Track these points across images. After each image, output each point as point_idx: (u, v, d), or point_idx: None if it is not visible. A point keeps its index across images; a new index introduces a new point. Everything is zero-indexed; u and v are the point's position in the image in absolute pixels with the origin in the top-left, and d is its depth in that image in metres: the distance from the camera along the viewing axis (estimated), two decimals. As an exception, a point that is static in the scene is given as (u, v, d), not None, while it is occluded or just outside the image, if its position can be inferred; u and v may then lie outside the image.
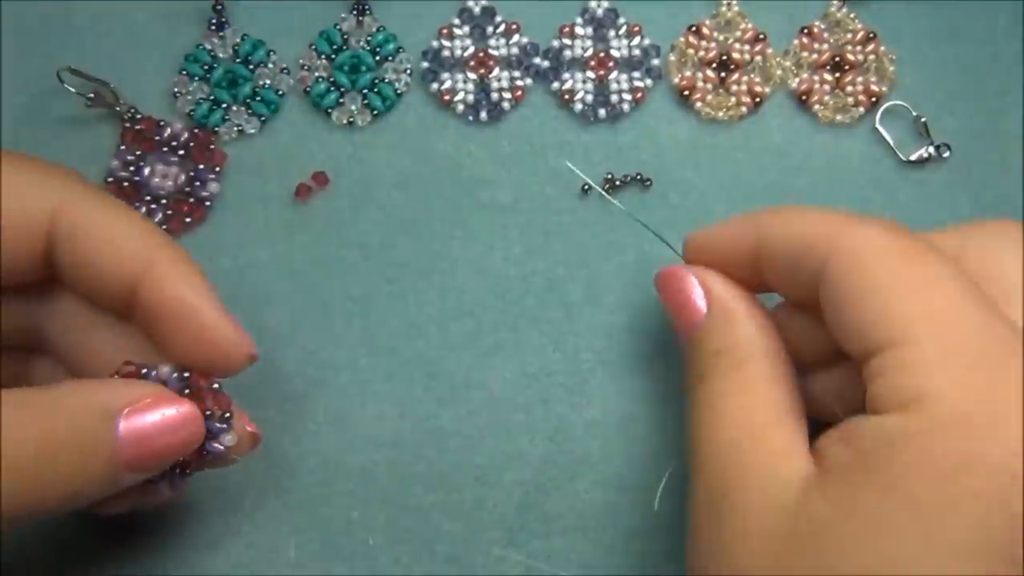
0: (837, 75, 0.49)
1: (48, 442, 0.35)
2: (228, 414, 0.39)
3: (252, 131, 0.49)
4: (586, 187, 0.47)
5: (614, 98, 0.49)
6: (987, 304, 0.35)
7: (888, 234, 0.37)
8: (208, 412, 0.39)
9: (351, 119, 0.49)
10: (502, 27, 0.50)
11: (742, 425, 0.38)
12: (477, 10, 0.50)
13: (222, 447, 0.39)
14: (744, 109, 0.49)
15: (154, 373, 0.39)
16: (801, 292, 0.39)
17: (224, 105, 0.49)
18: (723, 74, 0.49)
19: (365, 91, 0.49)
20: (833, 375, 0.40)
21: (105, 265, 0.39)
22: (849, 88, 0.49)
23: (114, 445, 0.36)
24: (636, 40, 0.49)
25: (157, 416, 0.37)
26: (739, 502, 0.36)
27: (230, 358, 0.40)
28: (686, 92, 0.49)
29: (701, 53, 0.49)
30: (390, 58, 0.49)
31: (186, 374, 0.39)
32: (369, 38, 0.49)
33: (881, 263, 0.36)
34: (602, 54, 0.49)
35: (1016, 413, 0.32)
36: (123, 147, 0.48)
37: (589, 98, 0.49)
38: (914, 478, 0.32)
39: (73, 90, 0.47)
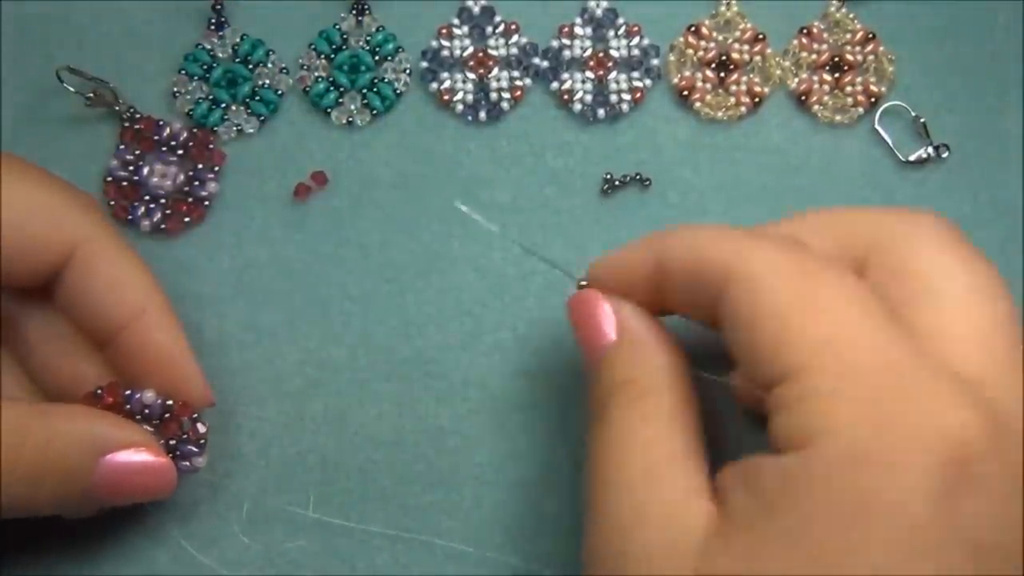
0: (836, 75, 0.49)
1: (37, 469, 0.38)
2: (203, 441, 0.42)
3: (251, 131, 0.49)
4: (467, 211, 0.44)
5: (613, 98, 0.49)
6: (888, 322, 0.33)
7: (783, 255, 0.35)
8: (184, 435, 0.42)
9: (350, 119, 0.49)
10: (501, 27, 0.50)
11: (641, 462, 0.36)
12: (476, 10, 0.50)
13: (191, 467, 0.42)
14: (743, 109, 0.49)
15: (138, 396, 0.41)
16: (704, 315, 0.37)
17: (223, 105, 0.49)
18: (722, 74, 0.49)
19: (364, 91, 0.49)
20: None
21: (105, 303, 0.42)
22: (848, 88, 0.49)
23: (91, 477, 0.40)
24: (635, 40, 0.49)
25: (137, 461, 0.40)
26: (638, 549, 0.34)
27: (192, 404, 0.42)
28: (685, 92, 0.49)
29: (700, 53, 0.49)
30: (389, 58, 0.49)
31: (169, 402, 0.42)
32: (368, 38, 0.49)
33: (774, 289, 0.34)
34: (601, 54, 0.49)
35: (912, 446, 0.31)
36: (122, 146, 0.48)
37: (588, 98, 0.49)
38: (815, 525, 0.31)
39: (72, 90, 0.47)
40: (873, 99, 0.49)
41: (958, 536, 0.30)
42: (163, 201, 0.48)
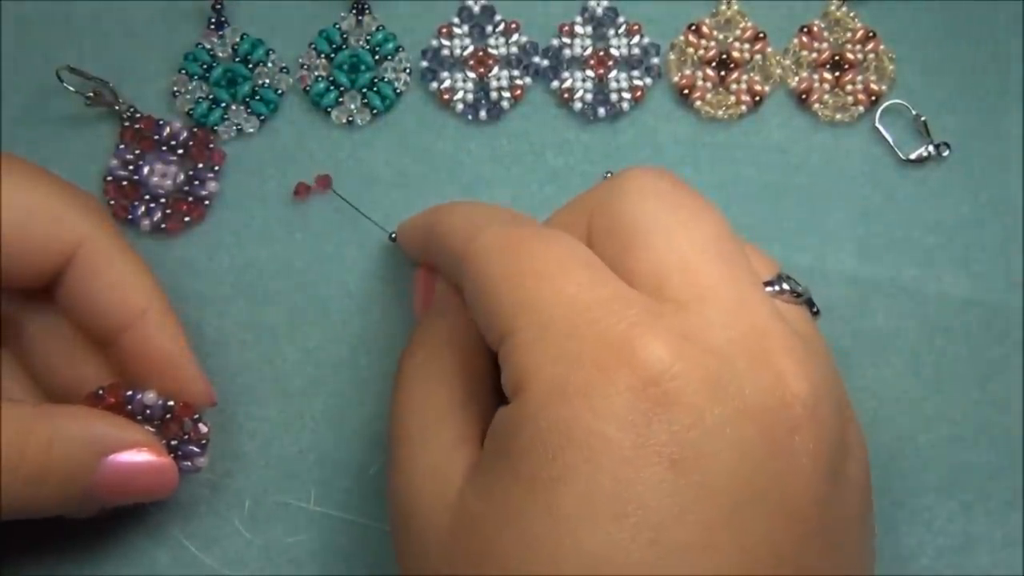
0: (837, 74, 0.49)
1: (39, 469, 0.39)
2: (204, 441, 0.43)
3: (251, 130, 0.49)
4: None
5: (614, 97, 0.49)
6: (588, 273, 0.35)
7: (502, 233, 0.37)
8: (186, 435, 0.42)
9: (350, 118, 0.49)
10: (501, 26, 0.50)
11: (421, 415, 0.39)
12: (476, 9, 0.50)
13: (193, 467, 0.43)
14: (744, 108, 0.49)
15: (139, 397, 0.42)
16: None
17: (223, 104, 0.49)
18: (723, 73, 0.49)
19: (364, 90, 0.49)
20: None
21: (107, 304, 0.42)
22: (849, 87, 0.49)
23: (93, 477, 0.40)
24: (636, 39, 0.49)
25: (139, 461, 0.41)
26: (412, 502, 0.37)
27: (193, 405, 0.43)
28: (686, 91, 0.49)
29: (701, 52, 0.49)
30: (389, 57, 0.49)
31: (170, 403, 0.42)
32: (368, 37, 0.49)
33: (489, 264, 0.36)
34: (601, 53, 0.49)
35: (604, 376, 0.33)
36: (122, 146, 0.48)
37: (589, 97, 0.49)
38: (527, 460, 0.33)
39: (72, 89, 0.47)
40: (874, 98, 0.49)
41: (655, 452, 0.32)
42: (163, 200, 0.48)
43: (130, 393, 0.42)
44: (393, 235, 0.47)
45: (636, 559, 0.31)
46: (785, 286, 0.39)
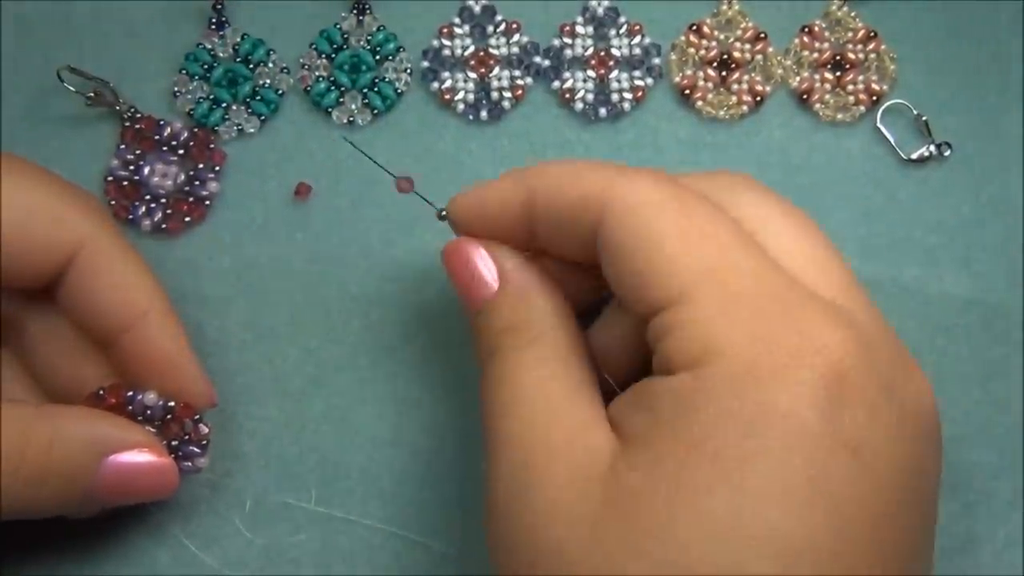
0: (838, 74, 0.49)
1: (40, 470, 0.39)
2: (205, 441, 0.43)
3: (252, 130, 0.49)
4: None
5: (615, 97, 0.49)
6: (759, 251, 0.36)
7: (660, 186, 0.36)
8: (186, 436, 0.42)
9: (351, 118, 0.49)
10: (502, 26, 0.50)
11: (541, 400, 0.37)
12: (477, 9, 0.50)
13: (193, 467, 0.43)
14: (745, 108, 0.49)
15: (140, 397, 0.42)
16: (576, 251, 0.39)
17: (224, 104, 0.49)
18: (724, 73, 0.49)
19: (365, 90, 0.49)
20: (610, 331, 0.40)
21: (108, 305, 0.42)
22: (850, 87, 0.49)
23: (94, 478, 0.40)
24: (637, 39, 0.49)
25: (140, 462, 0.41)
26: (545, 478, 0.35)
27: (194, 405, 0.43)
28: (687, 91, 0.49)
29: (702, 52, 0.49)
30: (390, 57, 0.49)
31: (171, 403, 0.42)
32: (369, 37, 0.49)
33: (655, 217, 0.36)
34: (603, 53, 0.49)
35: (798, 361, 0.33)
36: (123, 146, 0.48)
37: (590, 97, 0.49)
38: (713, 436, 0.33)
39: (73, 89, 0.47)
40: (875, 98, 0.49)
41: (841, 440, 0.33)
42: (164, 201, 0.48)
43: (131, 394, 0.42)
44: (443, 211, 0.42)
45: (821, 542, 0.32)
46: None
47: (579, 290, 0.41)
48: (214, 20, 0.49)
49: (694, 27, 0.50)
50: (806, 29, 0.50)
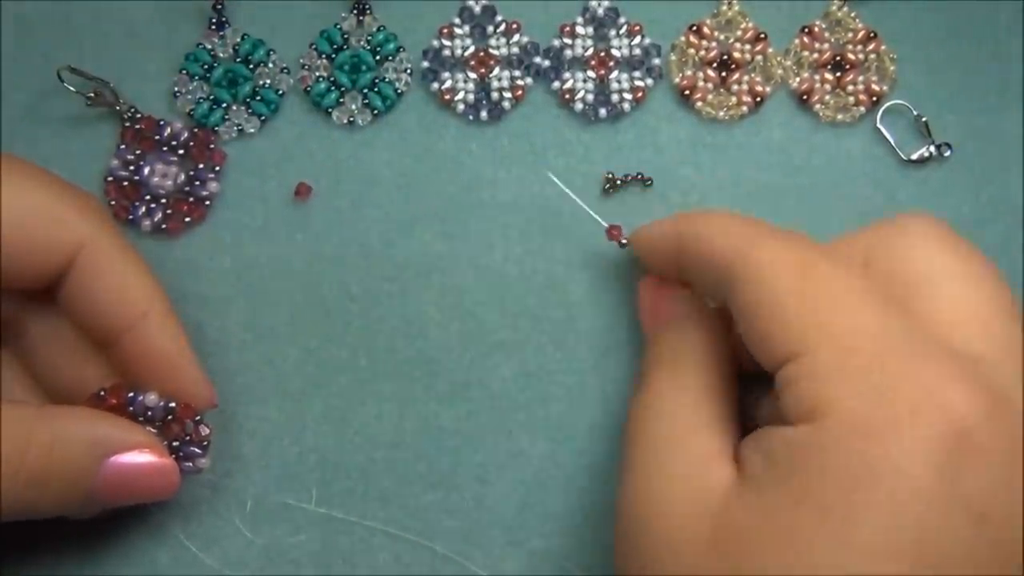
0: (838, 74, 0.49)
1: (42, 471, 0.39)
2: (206, 442, 0.43)
3: (252, 131, 0.49)
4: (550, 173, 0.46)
5: (615, 97, 0.49)
6: (886, 308, 0.35)
7: (787, 249, 0.37)
8: (187, 437, 0.42)
9: (351, 118, 0.49)
10: (502, 26, 0.50)
11: (669, 426, 0.39)
12: (477, 9, 0.50)
13: (194, 468, 0.43)
14: (745, 108, 0.49)
15: (141, 398, 0.42)
16: (718, 298, 0.40)
17: (224, 104, 0.49)
18: (724, 73, 0.49)
19: (365, 90, 0.49)
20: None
21: (109, 305, 0.42)
22: (850, 87, 0.49)
23: (95, 478, 0.40)
24: (637, 39, 0.49)
25: (141, 462, 0.41)
26: (662, 505, 0.37)
27: (195, 406, 0.43)
28: (687, 91, 0.49)
29: (702, 52, 0.49)
30: (390, 57, 0.49)
31: (172, 404, 0.42)
32: (369, 37, 0.49)
33: (780, 278, 0.36)
34: (603, 53, 0.49)
35: (914, 418, 0.33)
36: (123, 146, 0.48)
37: (590, 97, 0.49)
38: (822, 487, 0.33)
39: (73, 89, 0.47)
40: (875, 98, 0.49)
41: (960, 503, 0.32)
42: (164, 201, 0.48)
43: (132, 394, 0.42)
44: (625, 242, 0.46)
45: None
46: None
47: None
48: (214, 20, 0.49)
49: (694, 28, 0.50)
50: (806, 29, 0.50)
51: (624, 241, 0.46)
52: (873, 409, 0.33)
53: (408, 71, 0.49)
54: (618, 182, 0.48)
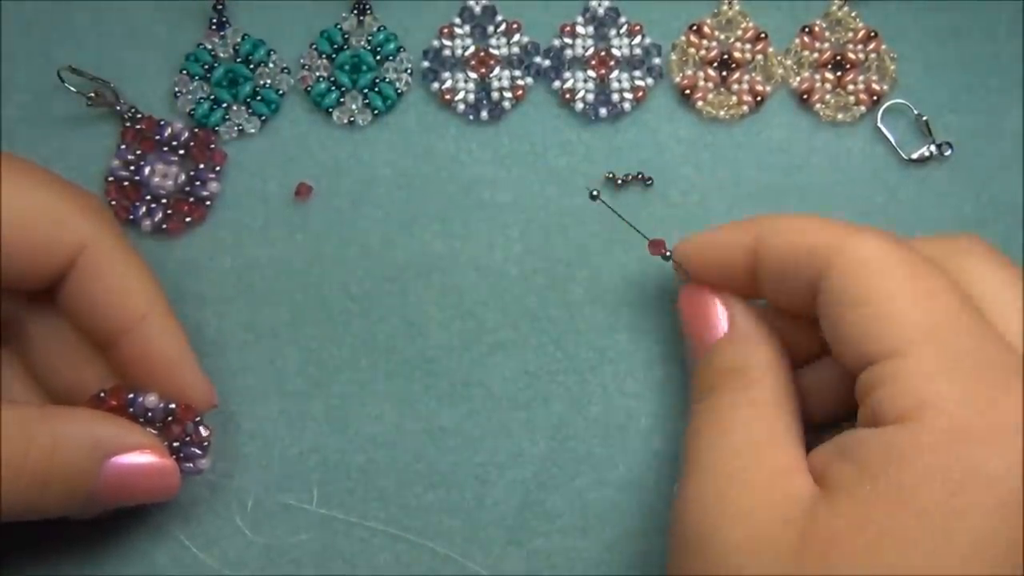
0: (838, 74, 0.49)
1: (43, 472, 0.39)
2: (206, 443, 0.43)
3: (252, 131, 0.49)
4: (595, 192, 0.45)
5: (615, 97, 0.49)
6: (980, 316, 0.36)
7: (888, 245, 0.37)
8: (187, 438, 0.42)
9: (352, 118, 0.49)
10: (503, 26, 0.50)
11: (747, 439, 0.39)
12: (478, 9, 0.50)
13: (195, 469, 0.43)
14: (745, 108, 0.49)
15: (141, 400, 0.42)
16: (796, 301, 0.40)
17: (224, 105, 0.49)
18: (724, 73, 0.49)
19: (366, 91, 0.49)
20: (814, 383, 0.42)
21: (109, 307, 0.42)
22: (850, 87, 0.49)
23: (96, 479, 0.40)
24: (637, 39, 0.49)
25: (142, 463, 0.41)
26: (742, 513, 0.36)
27: (195, 407, 0.43)
28: (687, 91, 0.49)
29: (702, 52, 0.49)
30: (391, 57, 0.49)
31: (172, 405, 0.42)
32: (370, 37, 0.49)
33: (883, 274, 0.37)
34: (603, 53, 0.49)
35: (1015, 425, 0.33)
36: (123, 146, 0.48)
37: (590, 97, 0.49)
38: (921, 491, 0.33)
39: (73, 89, 0.47)
40: (875, 98, 0.49)
41: None
42: (164, 201, 0.48)
43: (132, 396, 0.42)
44: (668, 254, 0.44)
45: None
46: None
47: (797, 343, 0.42)
48: (214, 20, 0.49)
49: (694, 27, 0.50)
50: (806, 29, 0.50)
51: (668, 253, 0.44)
52: (974, 414, 0.34)
53: (408, 71, 0.49)
54: (619, 182, 0.48)
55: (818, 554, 0.34)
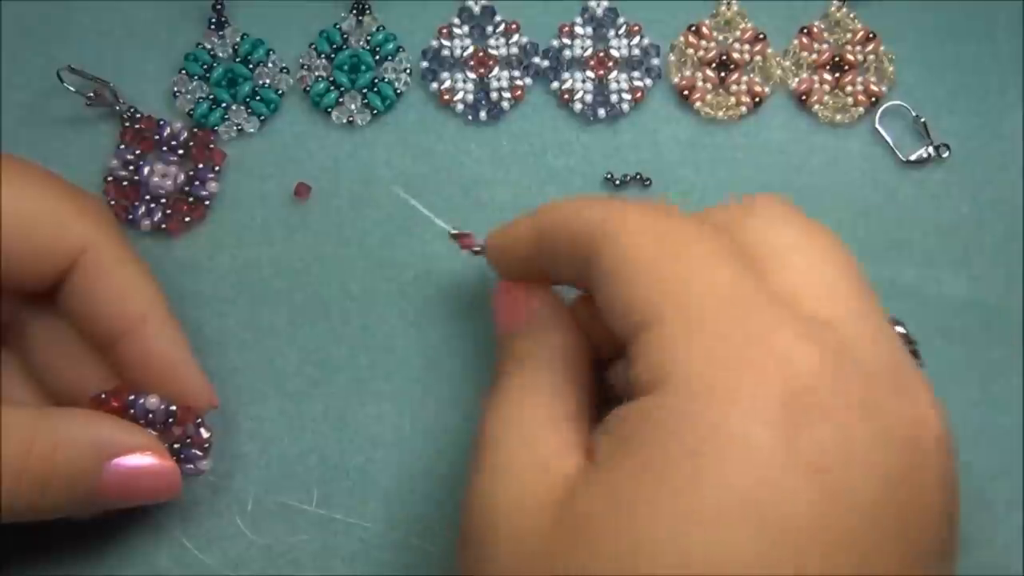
0: (837, 75, 0.49)
1: (44, 473, 0.38)
2: (207, 445, 0.43)
3: (252, 130, 0.49)
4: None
5: (614, 98, 0.49)
6: (737, 267, 0.35)
7: (644, 217, 0.37)
8: (188, 439, 0.42)
9: (351, 118, 0.49)
10: (502, 27, 0.50)
11: (519, 422, 0.38)
12: (477, 9, 0.50)
13: (196, 470, 0.43)
14: (744, 109, 0.49)
15: (141, 401, 0.42)
16: (583, 282, 0.39)
17: (224, 104, 0.49)
18: (723, 74, 0.49)
19: (365, 90, 0.49)
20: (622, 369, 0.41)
21: (109, 309, 0.42)
22: (849, 88, 0.49)
23: (97, 481, 0.40)
24: (636, 40, 0.49)
25: (143, 465, 0.41)
26: (510, 497, 0.36)
27: (195, 409, 0.43)
28: (686, 92, 0.49)
29: (701, 53, 0.49)
30: (390, 57, 0.49)
31: (172, 407, 0.42)
32: (369, 37, 0.49)
33: (635, 247, 0.36)
34: (602, 54, 0.49)
35: (754, 379, 0.32)
36: (123, 146, 0.48)
37: (589, 98, 0.49)
38: (664, 455, 0.32)
39: (73, 89, 0.47)
40: (874, 99, 0.49)
41: (800, 460, 0.32)
42: (163, 201, 0.48)
43: (132, 397, 0.42)
44: (478, 248, 0.44)
45: (769, 567, 0.31)
46: (900, 329, 0.39)
47: (606, 333, 0.41)
48: (214, 20, 0.49)
49: (693, 28, 0.50)
50: (805, 30, 0.50)
51: (478, 248, 0.44)
52: (714, 373, 0.33)
53: (407, 71, 0.49)
54: (617, 182, 0.48)
55: (572, 535, 0.33)
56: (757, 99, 0.49)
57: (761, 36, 0.50)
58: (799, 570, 0.31)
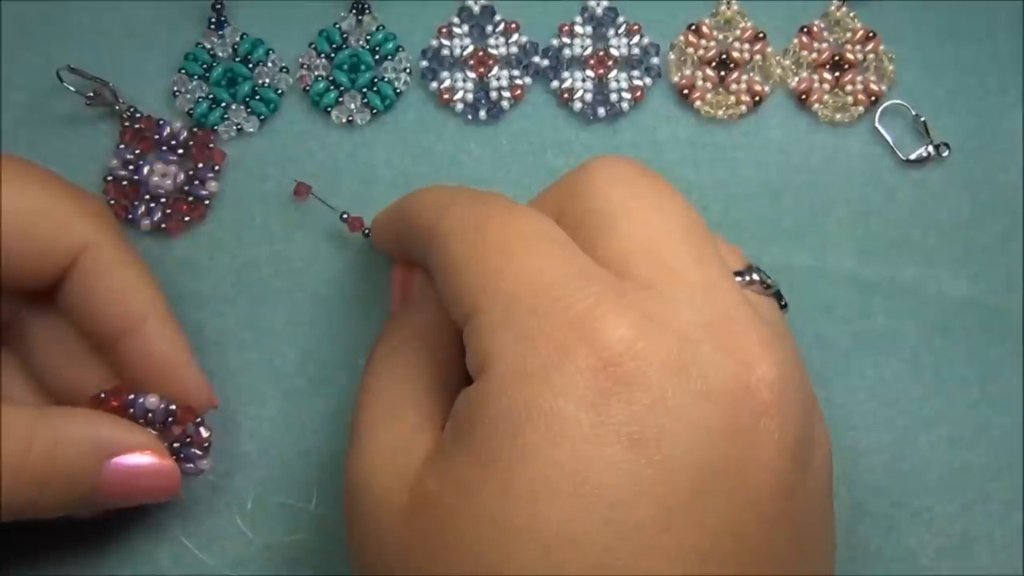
0: (837, 74, 0.49)
1: (43, 472, 0.38)
2: (207, 444, 0.43)
3: (251, 130, 0.49)
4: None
5: (613, 97, 0.49)
6: (559, 259, 0.35)
7: (469, 210, 0.38)
8: (188, 438, 0.42)
9: (350, 118, 0.49)
10: (501, 26, 0.50)
11: (384, 400, 0.39)
12: (476, 9, 0.50)
13: (195, 469, 0.43)
14: (743, 108, 0.49)
15: (141, 401, 0.42)
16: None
17: (223, 104, 0.49)
18: (723, 73, 0.49)
19: (364, 90, 0.49)
20: None
21: (109, 308, 0.42)
22: (848, 87, 0.49)
23: (97, 480, 0.40)
24: (635, 39, 0.49)
25: (142, 464, 0.41)
26: (374, 479, 0.37)
27: (195, 408, 0.43)
28: (685, 91, 0.49)
29: (700, 52, 0.49)
30: (389, 57, 0.49)
31: (172, 407, 0.42)
32: (368, 37, 0.49)
33: (459, 241, 0.37)
34: (601, 53, 0.49)
35: (559, 355, 0.33)
36: (122, 146, 0.48)
37: (588, 97, 0.49)
38: (489, 440, 0.33)
39: (72, 89, 0.47)
40: (873, 98, 0.49)
41: (615, 431, 0.32)
42: (163, 200, 0.48)
43: (132, 397, 0.42)
44: (367, 231, 0.47)
45: (592, 538, 0.32)
46: (755, 276, 0.39)
47: None
48: (214, 20, 0.49)
49: (693, 27, 0.50)
50: (805, 29, 0.50)
51: (367, 231, 0.46)
52: (528, 354, 0.33)
53: (407, 70, 0.49)
54: (617, 182, 0.48)
55: (420, 518, 0.34)
56: (757, 98, 0.49)
57: (761, 35, 0.49)
58: (624, 537, 0.32)
